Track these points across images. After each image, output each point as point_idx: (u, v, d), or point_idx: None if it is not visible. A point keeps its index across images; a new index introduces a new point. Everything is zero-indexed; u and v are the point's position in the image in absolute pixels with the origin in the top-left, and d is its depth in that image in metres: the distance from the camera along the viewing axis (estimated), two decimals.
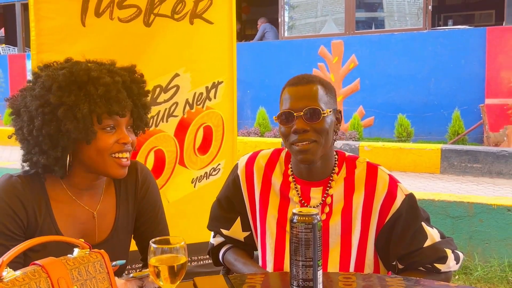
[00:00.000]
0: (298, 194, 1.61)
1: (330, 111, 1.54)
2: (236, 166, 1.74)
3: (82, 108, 1.24)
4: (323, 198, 1.58)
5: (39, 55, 2.19)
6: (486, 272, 3.41)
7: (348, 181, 1.59)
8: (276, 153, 1.71)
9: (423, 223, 1.55)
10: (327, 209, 1.59)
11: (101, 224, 1.39)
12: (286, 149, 1.69)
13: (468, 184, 5.85)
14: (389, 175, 1.59)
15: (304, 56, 8.59)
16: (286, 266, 1.56)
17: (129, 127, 1.37)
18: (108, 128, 1.30)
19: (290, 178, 1.63)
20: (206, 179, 2.67)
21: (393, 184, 1.57)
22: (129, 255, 1.52)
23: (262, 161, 1.69)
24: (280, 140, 7.63)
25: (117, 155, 1.32)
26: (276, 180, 1.65)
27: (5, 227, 1.23)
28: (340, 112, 1.62)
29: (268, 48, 9.18)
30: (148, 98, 1.48)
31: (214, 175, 2.69)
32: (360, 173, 1.59)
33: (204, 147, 2.65)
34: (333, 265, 1.55)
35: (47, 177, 1.34)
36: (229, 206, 1.72)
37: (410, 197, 1.56)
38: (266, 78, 8.83)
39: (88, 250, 1.09)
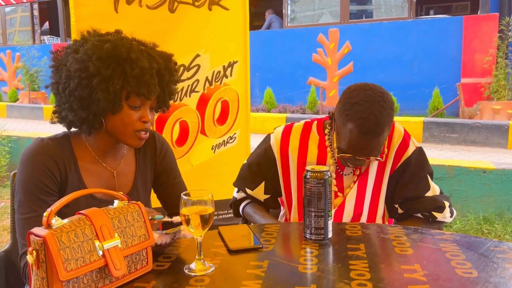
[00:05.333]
0: (335, 162, 1.55)
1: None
2: (269, 136, 1.64)
3: (115, 83, 1.18)
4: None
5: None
6: (463, 225, 3.37)
7: None
8: (307, 126, 1.61)
9: (428, 176, 1.51)
10: (357, 172, 1.55)
11: (121, 182, 1.35)
12: (316, 121, 1.61)
13: (446, 151, 5.78)
14: (404, 129, 1.55)
15: (305, 42, 8.46)
16: None
17: (151, 107, 1.30)
18: (134, 106, 1.24)
19: (328, 149, 1.56)
20: (224, 146, 2.64)
21: (407, 136, 1.54)
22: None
23: (296, 134, 1.60)
24: (284, 115, 7.56)
25: (139, 131, 1.26)
26: (312, 150, 1.57)
27: (43, 184, 1.18)
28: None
29: (274, 36, 9.03)
30: (177, 86, 1.38)
31: (231, 142, 2.65)
32: None
33: (222, 118, 2.61)
34: (348, 214, 1.52)
35: (73, 140, 1.29)
36: (257, 171, 1.65)
37: (420, 149, 1.53)
38: (272, 62, 8.73)
39: (127, 201, 1.05)
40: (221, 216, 2.61)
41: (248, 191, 1.67)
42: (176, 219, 1.16)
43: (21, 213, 1.17)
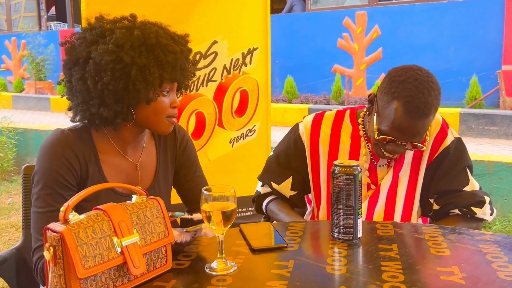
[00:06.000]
0: (369, 152, 1.56)
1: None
2: (297, 126, 1.66)
3: (153, 72, 1.22)
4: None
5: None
6: (504, 226, 3.33)
7: None
8: (340, 115, 1.62)
9: (467, 169, 1.50)
10: (392, 163, 1.55)
11: (143, 175, 1.38)
12: (349, 110, 1.62)
13: (485, 146, 5.69)
14: (442, 118, 1.55)
15: (330, 27, 8.39)
16: None
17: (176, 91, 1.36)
18: (165, 92, 1.28)
19: (362, 139, 1.57)
20: (243, 139, 2.66)
21: (445, 124, 1.54)
22: (171, 207, 1.51)
23: (327, 124, 1.61)
24: (306, 106, 7.54)
25: (170, 116, 1.31)
26: (345, 140, 1.59)
27: (62, 177, 1.22)
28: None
29: (295, 20, 8.98)
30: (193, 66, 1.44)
31: (250, 135, 2.67)
32: None
33: (241, 109, 2.63)
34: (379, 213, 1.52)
35: (93, 131, 1.32)
36: (286, 163, 1.66)
37: (459, 140, 1.53)
38: (293, 48, 8.69)
39: (145, 196, 1.07)
40: (240, 214, 2.64)
41: (274, 185, 1.68)
42: (196, 216, 1.19)
43: (37, 207, 1.21)
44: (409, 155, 1.53)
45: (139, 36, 1.21)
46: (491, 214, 1.50)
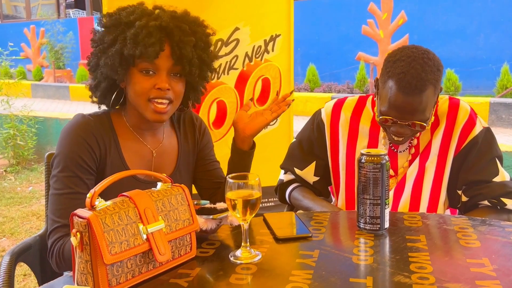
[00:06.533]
0: (386, 142, 1.57)
1: (433, 110, 1.45)
2: (319, 111, 1.70)
3: (112, 48, 1.26)
4: (410, 142, 1.55)
5: (110, 10, 2.19)
6: None
7: (434, 118, 1.54)
8: (362, 101, 1.65)
9: (496, 159, 1.49)
10: (412, 151, 1.56)
11: (164, 163, 1.40)
12: (372, 96, 1.64)
13: None
14: (471, 107, 1.54)
15: (354, 13, 8.31)
16: None
17: (173, 74, 1.30)
18: (144, 72, 1.26)
19: (381, 130, 1.58)
20: (265, 129, 2.65)
21: (473, 114, 1.53)
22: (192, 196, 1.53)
23: (348, 108, 1.64)
24: (329, 95, 7.49)
25: (154, 100, 1.27)
26: (365, 125, 1.61)
27: (82, 160, 1.25)
28: (441, 87, 1.47)
29: (318, 6, 8.91)
30: (210, 51, 1.38)
31: (272, 125, 2.67)
32: (442, 105, 1.54)
33: (263, 98, 2.63)
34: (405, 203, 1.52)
35: (113, 117, 1.35)
36: (309, 148, 1.70)
37: (488, 129, 1.52)
38: (316, 35, 8.64)
39: (170, 184, 1.09)
40: (262, 205, 2.65)
41: (297, 171, 1.70)
42: (220, 205, 1.21)
43: (55, 189, 1.24)
44: (435, 144, 1.52)
45: (114, 16, 1.30)
46: None
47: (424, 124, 1.41)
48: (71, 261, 0.99)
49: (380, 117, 1.44)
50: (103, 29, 1.31)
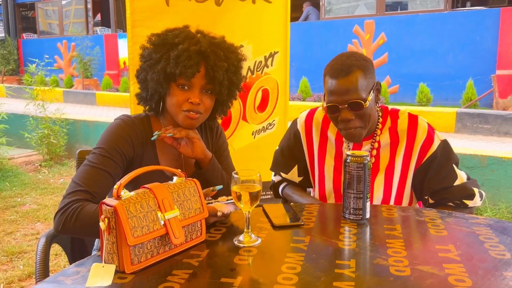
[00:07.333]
0: (349, 149, 1.56)
1: (371, 93, 1.40)
2: (295, 121, 1.69)
3: (158, 65, 1.28)
4: (371, 148, 1.53)
5: (133, 30, 2.20)
6: (495, 213, 3.28)
7: (392, 131, 1.52)
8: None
9: (454, 166, 1.48)
10: (374, 152, 1.54)
11: (188, 161, 1.41)
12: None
13: (479, 142, 5.59)
14: (428, 123, 1.53)
15: (341, 34, 8.32)
16: (341, 201, 1.54)
17: (205, 90, 1.32)
18: (181, 86, 1.29)
19: (344, 139, 1.57)
20: (264, 132, 2.68)
21: (431, 130, 1.51)
22: None
23: (319, 117, 1.63)
24: (319, 104, 7.50)
25: (186, 111, 1.30)
26: (332, 134, 1.60)
27: (120, 148, 1.26)
28: (379, 83, 1.47)
29: (311, 28, 8.92)
30: (239, 74, 1.38)
31: (270, 129, 2.68)
32: (402, 123, 1.52)
33: (262, 106, 2.64)
34: (377, 197, 1.52)
35: (152, 120, 1.37)
36: (289, 155, 1.69)
37: (444, 142, 1.50)
38: (308, 52, 8.65)
39: (184, 178, 1.11)
40: (262, 197, 2.65)
41: (283, 175, 1.72)
42: (221, 199, 1.23)
43: (89, 161, 1.24)
44: (399, 158, 1.50)
45: (160, 36, 1.33)
46: (481, 199, 1.49)
47: (361, 102, 1.36)
48: (83, 223, 1.06)
49: (326, 106, 1.41)
50: (151, 46, 1.33)
